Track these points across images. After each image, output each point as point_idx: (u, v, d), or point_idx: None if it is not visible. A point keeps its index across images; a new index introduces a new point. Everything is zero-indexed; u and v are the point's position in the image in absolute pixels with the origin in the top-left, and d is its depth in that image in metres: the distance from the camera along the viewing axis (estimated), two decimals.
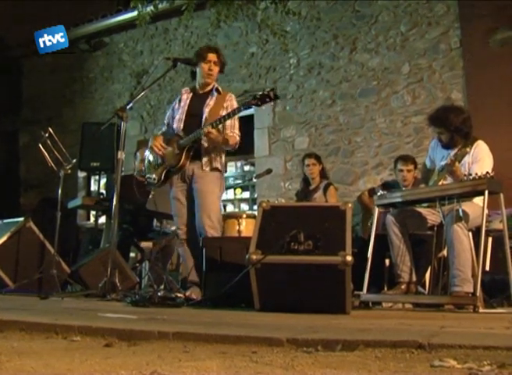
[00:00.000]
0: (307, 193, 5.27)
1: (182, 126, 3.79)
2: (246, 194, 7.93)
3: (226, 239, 3.98)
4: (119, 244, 4.14)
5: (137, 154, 4.18)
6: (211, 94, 3.83)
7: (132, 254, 5.44)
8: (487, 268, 3.70)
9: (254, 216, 4.36)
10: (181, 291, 3.75)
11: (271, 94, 3.41)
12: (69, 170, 4.53)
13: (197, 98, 3.86)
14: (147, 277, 4.90)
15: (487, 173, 3.10)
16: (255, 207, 6.66)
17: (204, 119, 3.71)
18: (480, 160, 3.47)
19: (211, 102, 3.78)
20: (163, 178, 3.80)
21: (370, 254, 3.55)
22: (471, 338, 1.66)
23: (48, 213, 5.28)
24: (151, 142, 3.87)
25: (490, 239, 3.79)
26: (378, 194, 3.68)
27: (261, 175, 5.78)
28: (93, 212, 6.98)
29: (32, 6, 8.10)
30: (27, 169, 8.69)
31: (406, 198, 3.55)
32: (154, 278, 4.48)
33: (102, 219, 5.74)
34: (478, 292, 3.08)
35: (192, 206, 3.71)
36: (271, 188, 6.82)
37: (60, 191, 4.44)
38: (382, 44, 6.40)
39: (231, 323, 2.32)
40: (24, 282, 4.26)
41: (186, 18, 6.28)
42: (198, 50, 3.96)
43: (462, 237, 3.27)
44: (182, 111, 3.85)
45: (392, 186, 4.57)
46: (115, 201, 3.66)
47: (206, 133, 3.54)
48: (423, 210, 3.67)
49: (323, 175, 5.32)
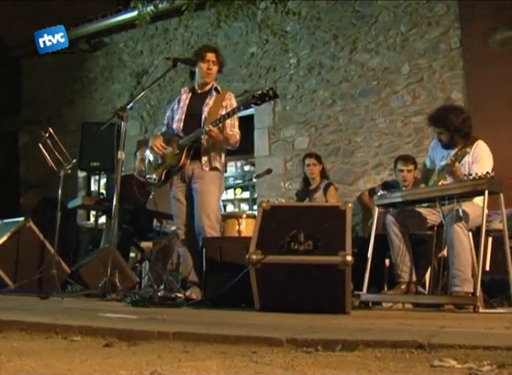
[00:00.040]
0: (307, 193, 5.27)
1: (181, 127, 3.79)
2: (246, 194, 7.93)
3: (226, 239, 3.98)
4: (119, 244, 4.14)
5: (137, 154, 4.18)
6: (210, 93, 3.83)
7: (132, 254, 5.44)
8: (487, 268, 3.70)
9: (254, 216, 4.36)
10: (181, 291, 3.75)
11: (270, 92, 3.42)
12: (69, 170, 4.53)
13: (196, 98, 3.86)
14: (147, 277, 4.90)
15: (487, 173, 3.10)
16: (255, 207, 6.66)
17: (204, 119, 3.71)
18: (480, 160, 3.47)
19: (210, 102, 3.78)
20: (163, 178, 3.80)
21: (370, 254, 3.55)
22: (471, 338, 1.66)
23: (48, 213, 5.28)
24: (151, 142, 3.87)
25: (490, 239, 3.79)
26: (378, 194, 3.69)
27: (261, 175, 5.78)
28: (93, 212, 6.98)
29: (32, 6, 8.10)
30: (27, 169, 8.69)
31: (406, 198, 3.55)
32: (154, 278, 4.48)
33: (102, 219, 5.74)
34: (478, 292, 3.08)
35: (192, 206, 3.71)
36: (271, 188, 6.82)
37: (60, 191, 4.44)
38: (382, 44, 6.40)
39: (231, 323, 2.32)
40: (24, 282, 4.26)
41: (187, 18, 6.28)
42: (197, 50, 3.96)
43: (462, 237, 3.27)
44: (181, 111, 3.85)
45: (392, 186, 4.57)
46: (115, 201, 3.66)
47: (207, 131, 3.54)
48: (423, 210, 3.67)
49: (323, 175, 5.32)
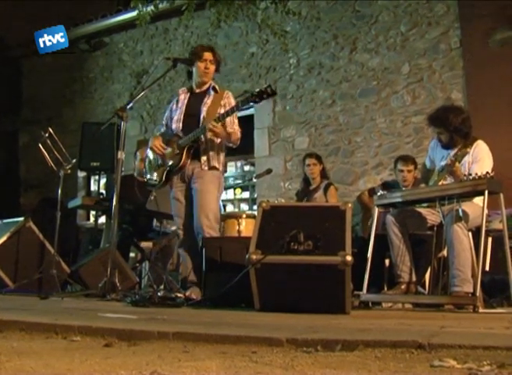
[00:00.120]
0: (307, 193, 5.27)
1: (181, 127, 3.79)
2: (246, 194, 7.93)
3: (226, 239, 3.98)
4: (119, 244, 4.14)
5: (137, 154, 4.18)
6: (208, 92, 3.83)
7: (132, 254, 5.44)
8: (487, 268, 3.70)
9: (253, 216, 4.36)
10: (181, 291, 3.75)
11: (268, 90, 3.42)
12: (69, 170, 4.53)
13: (195, 98, 3.86)
14: (147, 277, 4.90)
15: (487, 173, 3.10)
16: (255, 207, 6.66)
17: (202, 119, 3.71)
18: (480, 160, 3.47)
19: (208, 101, 3.78)
20: (164, 179, 3.80)
21: (370, 254, 3.55)
22: (471, 338, 1.66)
23: (48, 213, 5.28)
24: (151, 143, 3.87)
25: (490, 239, 3.79)
26: (378, 194, 3.69)
27: (261, 175, 5.78)
28: (93, 212, 6.98)
29: (32, 6, 8.09)
30: (27, 169, 8.69)
31: (406, 198, 3.55)
32: (154, 278, 4.48)
33: (102, 219, 5.74)
34: (478, 292, 3.08)
35: (191, 206, 3.71)
36: (271, 188, 6.82)
37: (60, 191, 4.44)
38: (382, 44, 6.40)
39: (231, 323, 2.32)
40: (24, 282, 4.26)
41: (187, 18, 6.27)
42: (194, 49, 3.96)
43: (462, 237, 3.27)
44: (180, 111, 3.85)
45: (392, 186, 4.57)
46: (114, 201, 3.66)
47: (210, 128, 3.53)
48: (423, 210, 3.67)
49: (324, 175, 5.32)
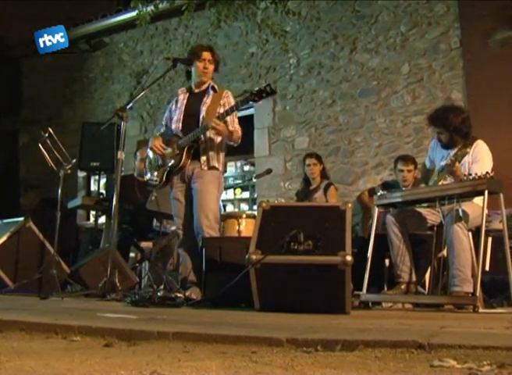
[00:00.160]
0: (307, 193, 5.27)
1: (180, 127, 3.79)
2: (246, 194, 7.93)
3: (226, 239, 3.98)
4: (119, 244, 4.14)
5: (137, 154, 4.18)
6: (207, 92, 3.83)
7: (132, 254, 5.44)
8: (487, 268, 3.70)
9: (253, 216, 4.36)
10: (181, 291, 3.75)
11: (267, 89, 3.42)
12: (69, 170, 4.53)
13: (194, 98, 3.86)
14: (146, 277, 4.90)
15: (487, 173, 3.10)
16: (255, 207, 6.66)
17: (202, 118, 3.71)
18: (480, 160, 3.47)
19: (207, 101, 3.78)
20: (165, 179, 3.80)
21: (370, 254, 3.55)
22: (471, 338, 1.66)
23: (48, 213, 5.28)
24: (151, 143, 3.87)
25: (490, 239, 3.79)
26: (378, 194, 3.69)
27: (261, 175, 5.78)
28: (93, 212, 6.98)
29: (32, 6, 8.09)
30: (27, 169, 8.69)
31: (406, 198, 3.55)
32: (153, 278, 4.48)
33: (102, 219, 5.74)
34: (478, 292, 3.08)
35: (191, 206, 3.71)
36: (271, 188, 6.82)
37: (60, 191, 4.44)
38: (382, 44, 6.39)
39: (231, 323, 2.32)
40: (24, 282, 4.26)
41: (187, 18, 6.27)
42: (192, 49, 3.96)
43: (462, 237, 3.27)
44: (179, 111, 3.85)
45: (392, 186, 4.57)
46: (114, 201, 3.66)
47: (213, 126, 3.53)
48: (423, 210, 3.67)
49: (324, 175, 5.32)
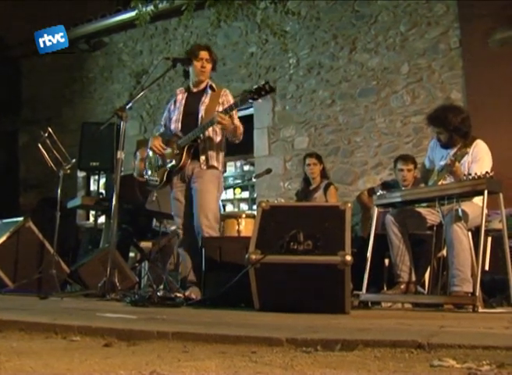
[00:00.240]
0: (307, 193, 5.27)
1: (180, 127, 3.79)
2: (245, 193, 7.92)
3: (226, 239, 3.98)
4: (119, 244, 4.14)
5: (137, 154, 4.18)
6: (205, 91, 3.83)
7: (131, 254, 5.44)
8: (486, 268, 3.70)
9: (253, 216, 4.35)
10: (180, 291, 3.75)
11: (266, 86, 3.42)
12: (69, 170, 4.52)
13: (192, 97, 3.86)
14: (146, 277, 4.90)
15: (486, 173, 3.10)
16: (255, 207, 6.65)
17: (201, 118, 3.71)
18: (479, 160, 3.47)
19: (206, 100, 3.78)
20: (165, 179, 3.80)
21: (369, 254, 3.55)
22: (471, 338, 1.66)
23: (48, 213, 5.27)
24: (151, 143, 3.87)
25: (490, 239, 3.79)
26: (378, 193, 3.69)
27: (261, 175, 5.78)
28: (92, 212, 6.98)
29: (32, 6, 8.10)
30: (27, 169, 8.68)
31: (405, 198, 3.55)
32: (153, 278, 4.48)
33: (102, 219, 5.74)
34: (478, 292, 3.08)
35: (191, 206, 3.71)
36: (270, 188, 6.82)
37: (59, 190, 4.44)
38: (382, 44, 6.39)
39: (231, 323, 2.32)
40: (24, 282, 4.26)
41: (186, 18, 6.27)
42: (190, 48, 3.97)
43: (461, 236, 3.27)
44: (178, 111, 3.85)
45: (392, 186, 4.57)
46: (114, 201, 3.66)
47: (219, 120, 3.52)
48: (422, 210, 3.67)
49: (324, 175, 5.32)
